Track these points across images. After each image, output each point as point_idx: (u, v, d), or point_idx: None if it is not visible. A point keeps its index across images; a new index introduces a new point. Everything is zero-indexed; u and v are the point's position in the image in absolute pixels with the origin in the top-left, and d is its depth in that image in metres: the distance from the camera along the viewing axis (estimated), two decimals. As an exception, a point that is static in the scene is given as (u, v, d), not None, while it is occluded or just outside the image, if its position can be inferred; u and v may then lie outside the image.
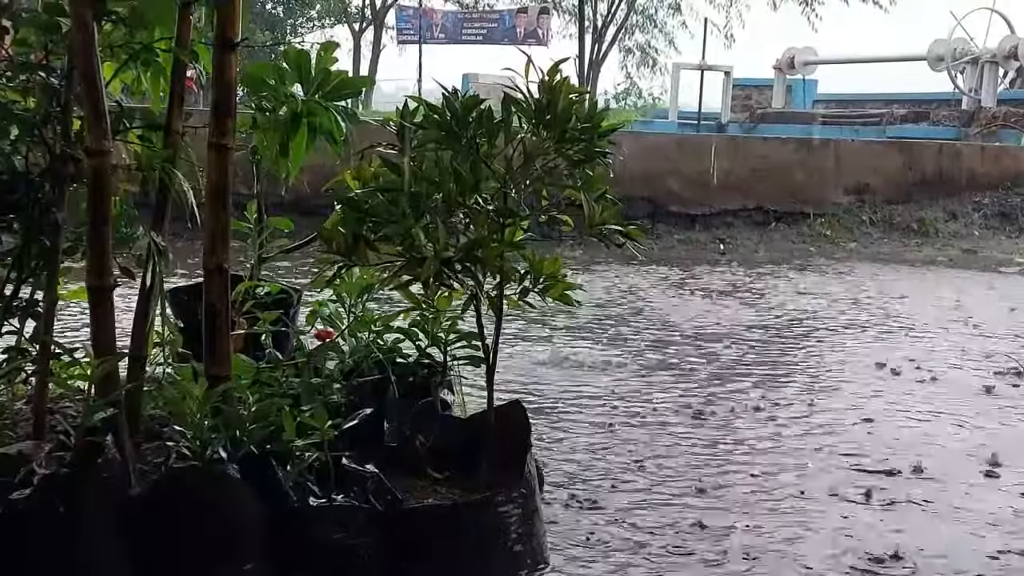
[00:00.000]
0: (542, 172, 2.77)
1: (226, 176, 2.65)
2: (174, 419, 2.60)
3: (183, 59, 2.75)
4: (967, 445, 4.25)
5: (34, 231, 2.70)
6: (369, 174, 2.78)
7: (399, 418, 3.13)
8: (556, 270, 2.89)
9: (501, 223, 2.76)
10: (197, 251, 2.95)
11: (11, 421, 2.82)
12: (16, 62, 2.72)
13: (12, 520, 2.30)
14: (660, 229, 11.15)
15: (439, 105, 2.74)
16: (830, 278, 9.15)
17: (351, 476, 2.65)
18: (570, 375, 5.22)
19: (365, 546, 2.57)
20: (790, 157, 12.31)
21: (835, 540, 3.21)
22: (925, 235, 11.91)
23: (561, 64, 2.73)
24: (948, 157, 13.38)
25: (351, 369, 3.19)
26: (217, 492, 2.47)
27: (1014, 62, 22.21)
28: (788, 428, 4.42)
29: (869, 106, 23.81)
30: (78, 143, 2.65)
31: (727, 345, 6.11)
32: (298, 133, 3.03)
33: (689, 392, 4.97)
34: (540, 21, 32.33)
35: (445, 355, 3.33)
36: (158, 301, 2.76)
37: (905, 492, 3.64)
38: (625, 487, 3.61)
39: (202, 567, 2.46)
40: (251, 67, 3.12)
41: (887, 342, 6.37)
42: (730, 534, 3.22)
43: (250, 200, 3.82)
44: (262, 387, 2.78)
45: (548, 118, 2.70)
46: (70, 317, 5.31)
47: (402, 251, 2.69)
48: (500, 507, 2.73)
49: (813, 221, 11.82)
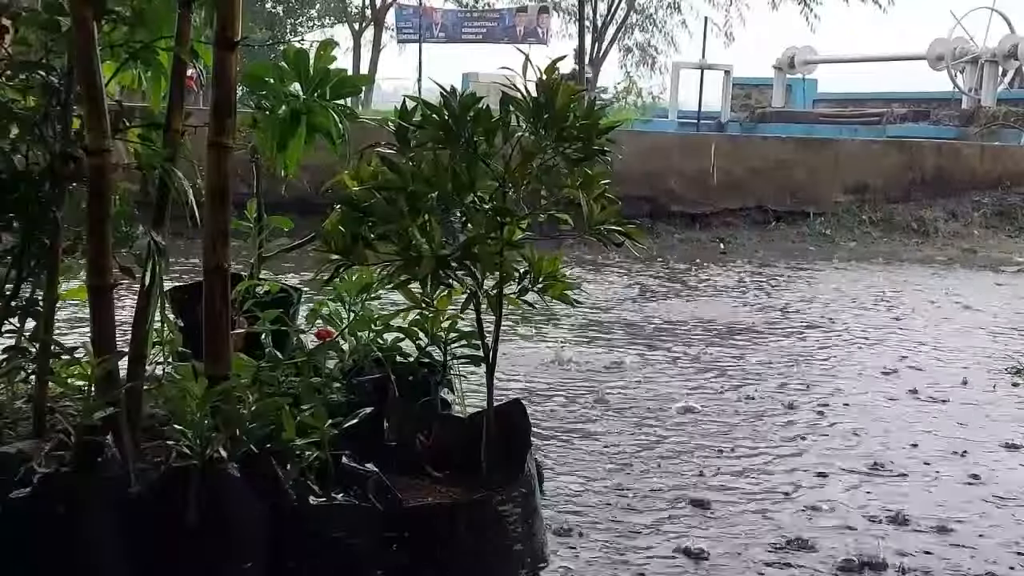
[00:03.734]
0: (540, 171, 2.76)
1: (226, 175, 2.65)
2: (174, 418, 2.60)
3: (183, 58, 2.75)
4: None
5: (34, 230, 2.70)
6: (368, 173, 2.78)
7: (399, 417, 3.13)
8: (555, 269, 2.89)
9: (499, 222, 2.76)
10: (197, 250, 2.95)
11: (11, 420, 2.82)
12: (16, 61, 2.71)
13: (12, 519, 2.31)
14: (660, 228, 11.16)
15: (438, 104, 2.74)
16: (830, 278, 9.16)
17: (351, 475, 2.65)
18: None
19: (364, 545, 2.57)
20: (790, 156, 12.32)
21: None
22: (925, 234, 11.91)
23: (558, 62, 2.73)
24: (948, 156, 13.38)
25: (351, 368, 3.19)
26: (217, 491, 2.47)
27: (1014, 61, 22.23)
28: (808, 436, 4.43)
29: (869, 105, 23.82)
30: (78, 142, 2.65)
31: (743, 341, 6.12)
32: (297, 132, 3.03)
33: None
34: (540, 20, 32.31)
35: (445, 354, 3.33)
36: (158, 300, 2.76)
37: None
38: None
39: (202, 567, 2.46)
40: (251, 66, 3.12)
41: (888, 342, 6.38)
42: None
43: (250, 199, 3.82)
44: (262, 386, 2.78)
45: (546, 116, 2.70)
46: (67, 316, 5.30)
47: (399, 250, 2.69)
48: (500, 506, 2.73)
49: (813, 220, 11.83)
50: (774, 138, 14.08)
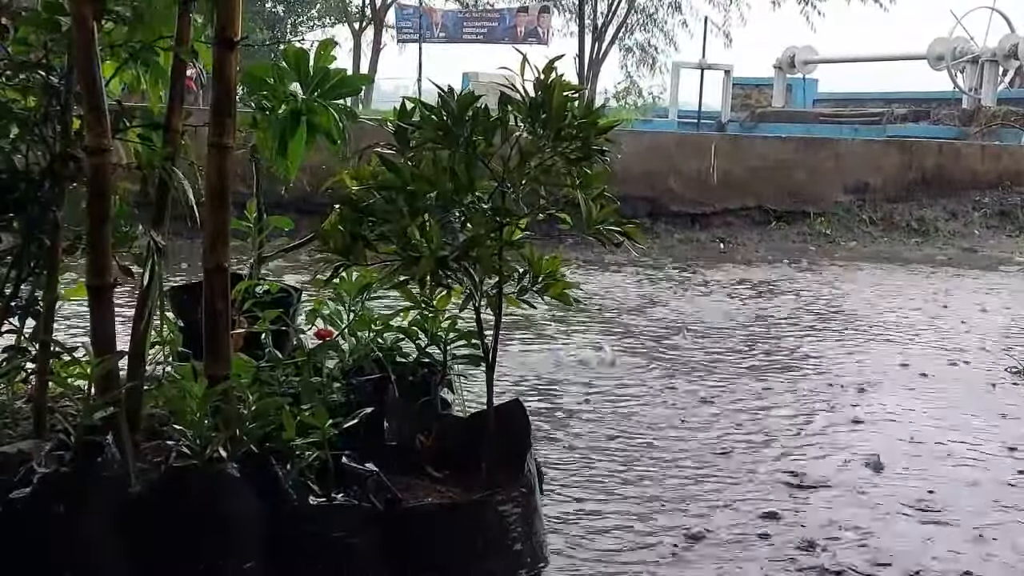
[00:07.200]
0: (538, 171, 2.76)
1: (226, 175, 2.65)
2: (174, 418, 2.60)
3: (183, 58, 2.76)
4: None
5: (34, 230, 2.70)
6: (368, 173, 2.78)
7: (399, 417, 3.14)
8: (555, 269, 2.88)
9: (498, 222, 2.75)
10: (197, 250, 2.96)
11: (11, 420, 2.82)
12: (16, 61, 2.72)
13: (11, 519, 2.31)
14: (660, 228, 11.15)
15: (436, 105, 2.73)
16: (830, 277, 9.16)
17: (351, 475, 2.65)
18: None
19: (364, 545, 2.57)
20: (790, 156, 12.31)
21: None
22: (925, 234, 11.91)
23: (557, 61, 2.72)
24: (948, 156, 13.39)
25: (351, 368, 3.19)
26: (216, 491, 2.47)
27: (1014, 61, 22.25)
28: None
29: (869, 105, 23.84)
30: (78, 142, 2.65)
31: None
32: (297, 132, 3.03)
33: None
34: (540, 20, 32.35)
35: (445, 354, 3.33)
36: (158, 300, 2.77)
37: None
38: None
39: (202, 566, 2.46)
40: (251, 66, 3.13)
41: (889, 343, 6.39)
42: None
43: (250, 199, 3.82)
44: (262, 386, 2.78)
45: (543, 116, 2.70)
46: (64, 317, 5.30)
47: (398, 250, 2.69)
48: (500, 506, 2.73)
49: (813, 220, 11.82)
50: (774, 138, 14.07)
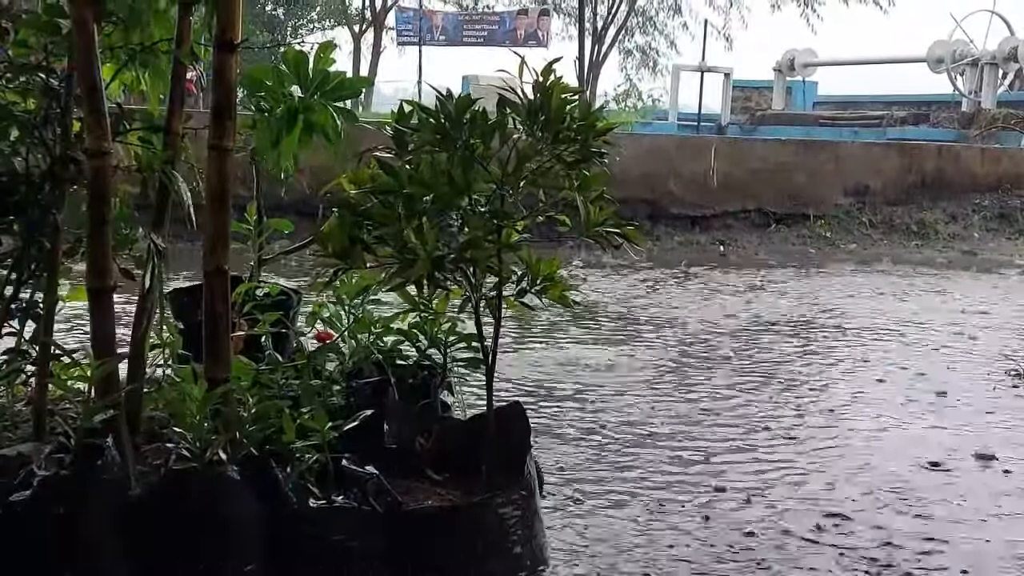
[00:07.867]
0: (535, 174, 2.75)
1: (226, 178, 2.65)
2: (174, 420, 2.60)
3: (183, 61, 2.76)
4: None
5: (34, 233, 2.70)
6: (366, 176, 2.78)
7: (399, 420, 3.13)
8: (554, 271, 2.88)
9: (496, 224, 2.75)
10: (197, 253, 2.95)
11: (11, 422, 2.82)
12: (16, 63, 2.72)
13: (12, 522, 2.31)
14: (660, 231, 11.15)
15: (435, 108, 2.73)
16: (830, 279, 9.16)
17: (351, 477, 2.65)
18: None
19: (364, 547, 2.57)
20: (790, 159, 12.32)
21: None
22: (925, 237, 11.92)
23: (555, 64, 2.72)
24: (948, 159, 13.40)
25: (351, 371, 3.19)
26: (216, 493, 2.47)
27: (1014, 64, 22.25)
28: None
29: (869, 108, 23.86)
30: (78, 144, 2.65)
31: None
32: (293, 129, 3.03)
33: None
34: (540, 23, 32.33)
35: (445, 357, 3.33)
36: (158, 303, 2.77)
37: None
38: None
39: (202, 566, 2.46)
40: (251, 69, 3.13)
41: (887, 343, 6.39)
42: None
43: (250, 202, 3.82)
44: (262, 389, 2.78)
45: (542, 119, 2.70)
46: (65, 319, 5.30)
47: (395, 252, 2.69)
48: (500, 509, 2.73)
49: (813, 223, 11.83)
50: (774, 140, 14.08)
